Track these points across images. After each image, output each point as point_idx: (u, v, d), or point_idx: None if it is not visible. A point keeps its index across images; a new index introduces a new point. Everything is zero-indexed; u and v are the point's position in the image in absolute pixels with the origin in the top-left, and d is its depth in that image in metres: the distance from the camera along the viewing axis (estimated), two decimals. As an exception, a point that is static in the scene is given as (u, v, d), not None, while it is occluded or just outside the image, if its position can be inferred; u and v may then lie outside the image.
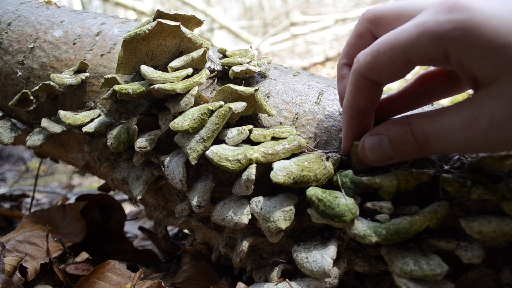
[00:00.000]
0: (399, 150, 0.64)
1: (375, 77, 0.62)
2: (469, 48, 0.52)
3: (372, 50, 0.60)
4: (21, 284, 0.89)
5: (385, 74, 0.61)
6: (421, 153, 0.62)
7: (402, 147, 0.63)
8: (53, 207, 1.21)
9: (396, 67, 0.59)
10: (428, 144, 0.60)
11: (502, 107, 0.53)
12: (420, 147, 0.61)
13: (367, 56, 0.61)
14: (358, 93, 0.65)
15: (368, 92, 0.64)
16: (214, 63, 0.95)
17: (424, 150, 0.61)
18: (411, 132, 0.61)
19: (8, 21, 1.12)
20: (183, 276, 1.02)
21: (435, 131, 0.59)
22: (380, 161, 0.67)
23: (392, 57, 0.58)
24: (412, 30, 0.55)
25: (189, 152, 0.77)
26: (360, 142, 0.70)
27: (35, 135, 0.99)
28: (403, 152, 0.64)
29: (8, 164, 5.06)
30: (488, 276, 0.74)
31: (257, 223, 0.77)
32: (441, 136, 0.58)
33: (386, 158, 0.66)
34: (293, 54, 8.31)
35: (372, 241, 0.65)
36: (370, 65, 0.60)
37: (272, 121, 0.86)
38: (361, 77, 0.63)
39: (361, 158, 0.70)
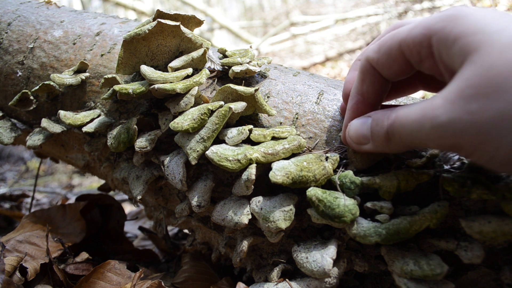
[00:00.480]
0: (374, 134, 0.65)
1: (376, 66, 0.65)
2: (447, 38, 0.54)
3: (379, 39, 0.66)
4: (21, 284, 0.89)
5: (383, 65, 0.64)
6: (387, 143, 0.63)
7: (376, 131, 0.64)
8: (53, 207, 1.21)
9: (391, 58, 0.62)
10: (391, 134, 0.61)
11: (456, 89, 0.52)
12: (385, 136, 0.62)
13: (374, 44, 0.66)
14: (364, 79, 0.68)
15: (373, 81, 0.67)
16: (214, 63, 0.95)
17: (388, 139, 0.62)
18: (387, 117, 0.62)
19: (8, 21, 1.12)
20: (183, 276, 1.02)
21: (402, 114, 0.59)
22: (359, 143, 0.68)
23: (390, 48, 0.62)
24: (412, 25, 0.60)
25: (189, 152, 0.77)
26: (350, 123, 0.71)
27: (35, 135, 0.99)
28: (376, 138, 0.64)
29: (8, 164, 5.06)
30: (488, 276, 0.74)
31: (257, 223, 0.77)
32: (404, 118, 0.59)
33: (364, 140, 0.67)
34: (293, 54, 8.31)
35: (372, 241, 0.65)
36: (374, 52, 0.65)
37: (272, 121, 0.86)
38: (367, 63, 0.66)
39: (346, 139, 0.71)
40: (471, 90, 0.50)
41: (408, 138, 0.58)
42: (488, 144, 0.50)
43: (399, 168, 0.74)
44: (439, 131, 0.53)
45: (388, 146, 0.63)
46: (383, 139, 0.63)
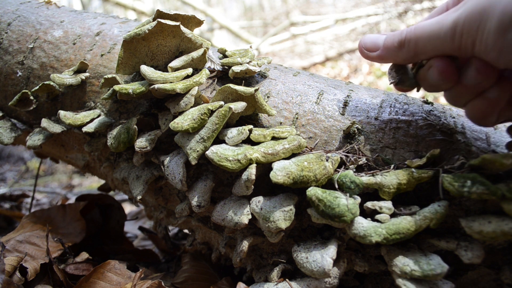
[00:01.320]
0: (387, 42, 0.74)
1: None
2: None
3: None
4: (21, 284, 0.89)
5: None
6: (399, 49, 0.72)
7: (390, 39, 0.73)
8: (53, 207, 1.21)
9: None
10: (408, 40, 0.70)
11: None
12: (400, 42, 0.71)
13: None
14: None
15: None
16: (214, 63, 0.95)
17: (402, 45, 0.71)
18: (404, 30, 0.72)
19: (8, 21, 1.12)
20: (183, 276, 1.02)
21: (419, 26, 0.69)
22: (369, 50, 0.77)
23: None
24: None
25: (189, 152, 0.77)
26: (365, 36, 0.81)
27: (35, 135, 0.99)
28: (389, 45, 0.73)
29: (8, 164, 5.06)
30: (488, 276, 0.74)
31: (257, 223, 0.77)
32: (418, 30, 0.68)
33: (374, 47, 0.76)
34: (293, 54, 8.31)
35: (372, 241, 0.65)
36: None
37: (272, 121, 0.86)
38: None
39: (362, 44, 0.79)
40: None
41: (424, 42, 0.68)
42: (479, 32, 0.60)
43: (399, 168, 0.74)
44: (454, 24, 0.63)
45: (398, 52, 0.72)
46: (397, 46, 0.72)
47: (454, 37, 0.64)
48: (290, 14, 9.62)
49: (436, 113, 0.83)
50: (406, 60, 0.75)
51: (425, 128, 0.80)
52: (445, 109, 0.86)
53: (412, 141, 0.78)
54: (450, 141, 0.77)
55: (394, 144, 0.78)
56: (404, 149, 0.78)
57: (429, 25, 0.68)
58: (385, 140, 0.79)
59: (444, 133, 0.78)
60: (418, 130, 0.80)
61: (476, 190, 0.63)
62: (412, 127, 0.80)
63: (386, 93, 0.90)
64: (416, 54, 0.71)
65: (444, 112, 0.84)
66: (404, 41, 0.71)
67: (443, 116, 0.83)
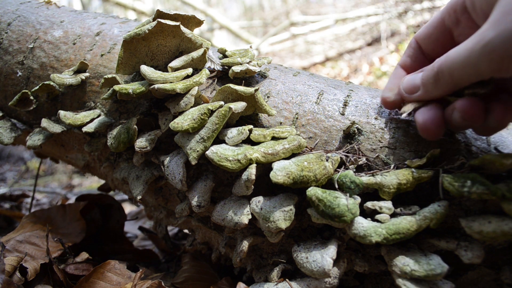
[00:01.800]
0: (424, 80, 0.71)
1: (419, 39, 0.79)
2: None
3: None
4: (21, 284, 0.89)
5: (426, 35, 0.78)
6: (436, 83, 0.68)
7: (426, 76, 0.70)
8: (53, 207, 1.21)
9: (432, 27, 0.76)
10: (441, 72, 0.66)
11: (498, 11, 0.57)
12: (435, 77, 0.67)
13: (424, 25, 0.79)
14: (406, 51, 0.82)
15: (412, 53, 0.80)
16: (214, 63, 0.95)
17: (438, 79, 0.67)
18: (436, 62, 0.68)
19: (8, 21, 1.12)
20: (183, 276, 1.02)
21: (452, 52, 0.64)
22: (410, 92, 0.74)
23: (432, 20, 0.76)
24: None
25: (189, 152, 0.77)
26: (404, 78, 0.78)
27: (35, 135, 0.99)
28: (426, 82, 0.70)
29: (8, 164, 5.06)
30: (488, 276, 0.74)
31: (257, 223, 0.77)
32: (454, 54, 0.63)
33: (414, 89, 0.73)
34: (293, 54, 8.31)
35: (372, 241, 0.65)
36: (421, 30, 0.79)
37: (272, 121, 0.86)
38: (414, 40, 0.81)
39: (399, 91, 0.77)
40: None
41: (459, 71, 0.62)
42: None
43: (399, 168, 0.74)
44: (489, 48, 0.56)
45: (436, 87, 0.68)
46: (432, 81, 0.68)
47: (491, 60, 0.57)
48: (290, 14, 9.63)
49: (436, 113, 0.83)
50: (447, 93, 0.69)
51: (425, 128, 0.80)
52: (445, 109, 0.86)
53: (412, 141, 0.78)
54: (450, 141, 0.77)
55: (394, 144, 0.78)
56: (404, 149, 0.78)
57: (460, 51, 0.62)
58: (385, 140, 0.79)
59: (444, 133, 0.78)
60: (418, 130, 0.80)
61: (476, 190, 0.63)
62: (412, 127, 0.80)
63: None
64: (455, 84, 0.66)
65: (444, 112, 0.84)
66: (438, 74, 0.67)
67: (443, 116, 0.83)
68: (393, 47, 6.60)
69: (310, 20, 8.47)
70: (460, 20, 0.71)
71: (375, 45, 7.23)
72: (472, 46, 0.59)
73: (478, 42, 0.58)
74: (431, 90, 0.70)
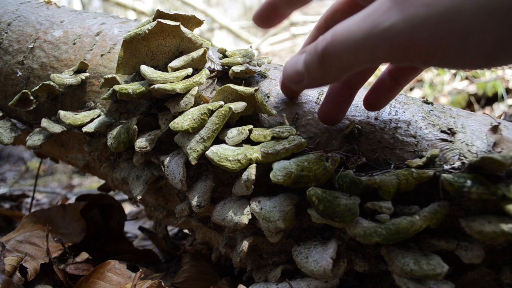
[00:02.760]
0: (307, 65, 0.56)
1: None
2: None
3: None
4: (21, 284, 0.89)
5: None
6: (323, 69, 0.53)
7: (309, 60, 0.55)
8: (53, 207, 1.21)
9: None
10: (330, 47, 0.51)
11: None
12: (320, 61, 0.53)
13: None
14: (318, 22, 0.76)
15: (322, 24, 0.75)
16: (214, 63, 0.95)
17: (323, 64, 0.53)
18: (320, 40, 0.53)
19: (8, 21, 1.12)
20: (183, 276, 1.02)
21: (340, 27, 0.51)
22: (294, 81, 0.60)
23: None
24: None
25: (189, 152, 0.77)
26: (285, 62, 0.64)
27: (35, 135, 0.99)
28: (311, 68, 0.55)
29: (8, 164, 5.06)
30: (488, 276, 0.74)
31: (257, 223, 0.77)
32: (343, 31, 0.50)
33: (299, 77, 0.58)
34: (293, 54, 8.30)
35: (372, 241, 0.65)
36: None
37: (272, 121, 0.86)
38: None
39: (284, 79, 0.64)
40: None
41: (351, 56, 0.50)
42: (452, 36, 0.44)
43: (399, 168, 0.74)
44: (391, 34, 0.46)
45: (324, 74, 0.54)
46: (318, 67, 0.53)
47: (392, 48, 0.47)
48: (290, 14, 9.60)
49: (436, 113, 0.83)
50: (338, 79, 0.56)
51: (425, 128, 0.80)
52: (445, 109, 0.86)
53: (412, 141, 0.78)
54: (450, 141, 0.77)
55: (394, 144, 0.78)
56: (404, 149, 0.78)
57: (352, 31, 0.49)
58: (385, 140, 0.79)
59: (444, 133, 0.78)
60: (418, 130, 0.80)
61: (476, 190, 0.63)
62: (412, 127, 0.80)
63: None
64: (344, 70, 0.53)
65: (444, 112, 0.84)
66: (323, 58, 0.52)
67: (443, 116, 0.83)
68: (393, 47, 6.58)
69: (310, 20, 8.46)
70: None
71: (375, 45, 7.20)
72: (369, 27, 0.47)
73: (377, 25, 0.47)
74: (318, 77, 0.56)
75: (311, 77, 0.57)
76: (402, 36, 0.46)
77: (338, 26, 0.51)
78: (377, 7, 0.48)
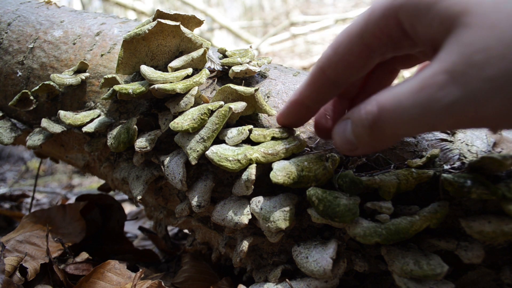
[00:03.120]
0: (358, 138, 0.56)
1: (332, 72, 0.59)
2: (417, 8, 0.48)
3: (332, 43, 0.58)
4: (21, 284, 0.89)
5: (342, 67, 0.58)
6: (374, 138, 0.53)
7: (359, 130, 0.55)
8: (53, 207, 1.21)
9: (354, 56, 0.56)
10: (380, 121, 0.51)
11: (458, 55, 0.44)
12: (370, 133, 0.53)
13: (328, 49, 0.59)
14: (310, 85, 0.64)
15: (320, 88, 0.63)
16: (214, 63, 0.95)
17: (376, 131, 0.52)
18: (366, 113, 0.52)
19: (8, 21, 1.12)
20: (183, 276, 1.02)
21: (388, 100, 0.50)
22: (347, 150, 0.60)
23: (349, 45, 0.55)
24: (365, 11, 0.54)
25: (189, 152, 0.77)
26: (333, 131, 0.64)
27: (35, 135, 0.99)
28: (362, 141, 0.56)
29: (8, 164, 5.06)
30: (488, 276, 0.74)
31: (257, 223, 0.77)
32: (393, 105, 0.49)
33: (351, 146, 0.59)
34: (293, 54, 8.31)
35: (372, 241, 0.65)
36: (329, 59, 0.59)
37: (272, 121, 0.86)
38: (319, 71, 0.61)
39: (335, 146, 0.65)
40: (480, 55, 0.43)
41: (407, 126, 0.49)
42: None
43: (399, 168, 0.74)
44: (454, 110, 0.45)
45: (378, 143, 0.55)
46: (370, 138, 0.54)
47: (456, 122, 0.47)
48: (290, 14, 9.62)
49: (436, 113, 0.83)
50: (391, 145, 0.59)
51: (425, 128, 0.80)
52: (445, 109, 0.86)
53: (412, 141, 0.78)
54: (450, 141, 0.77)
55: (394, 145, 0.78)
56: (404, 149, 0.78)
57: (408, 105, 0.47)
58: (385, 140, 0.79)
59: (444, 133, 0.78)
60: (418, 130, 0.79)
61: (476, 190, 0.63)
62: (412, 127, 0.80)
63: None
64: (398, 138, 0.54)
65: (444, 112, 0.84)
66: (374, 130, 0.52)
67: (443, 116, 0.83)
68: (393, 47, 6.59)
69: (310, 20, 8.47)
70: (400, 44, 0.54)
71: (375, 45, 7.21)
72: (426, 103, 0.46)
73: (436, 101, 0.45)
74: (372, 145, 0.56)
75: (364, 146, 0.57)
76: (467, 112, 0.45)
77: (382, 97, 0.50)
78: (429, 80, 0.46)
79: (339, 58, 0.57)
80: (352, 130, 0.57)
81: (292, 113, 0.72)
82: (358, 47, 0.55)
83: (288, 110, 0.72)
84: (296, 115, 0.72)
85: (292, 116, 0.73)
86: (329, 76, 0.60)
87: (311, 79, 0.64)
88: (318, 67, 0.61)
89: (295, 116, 0.73)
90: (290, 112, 0.72)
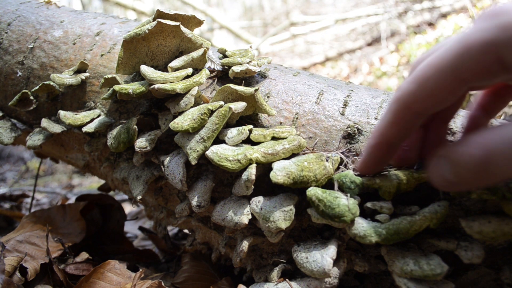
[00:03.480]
0: (458, 175, 0.56)
1: (420, 106, 0.58)
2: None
3: (416, 77, 0.57)
4: (21, 284, 0.89)
5: (431, 101, 0.57)
6: (480, 178, 0.54)
7: (460, 171, 0.55)
8: (53, 207, 1.21)
9: (445, 91, 0.55)
10: (489, 163, 0.51)
11: None
12: (476, 170, 0.53)
13: (410, 84, 0.58)
14: (394, 123, 0.62)
15: (406, 124, 0.62)
16: (214, 63, 0.95)
17: (483, 173, 0.53)
18: (469, 154, 0.53)
19: (8, 21, 1.12)
20: (183, 276, 1.02)
21: (496, 143, 0.51)
22: (446, 187, 0.60)
23: (441, 80, 0.54)
24: (458, 46, 0.53)
25: (189, 152, 0.77)
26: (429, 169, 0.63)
27: (35, 135, 0.99)
28: (463, 178, 0.55)
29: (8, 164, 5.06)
30: (488, 276, 0.74)
31: (257, 223, 0.77)
32: (504, 147, 0.50)
33: (449, 184, 0.58)
34: (293, 54, 8.32)
35: (372, 241, 0.65)
36: (414, 94, 0.58)
37: (272, 121, 0.86)
38: (403, 107, 0.60)
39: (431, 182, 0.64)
40: None
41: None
42: None
43: (399, 168, 0.74)
44: None
45: (484, 182, 0.56)
46: (475, 180, 0.54)
47: None
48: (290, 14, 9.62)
49: (436, 113, 0.83)
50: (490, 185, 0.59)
51: (425, 128, 0.80)
52: (445, 109, 0.86)
53: (412, 141, 0.78)
54: (451, 141, 0.77)
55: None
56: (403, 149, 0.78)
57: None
58: (385, 140, 0.79)
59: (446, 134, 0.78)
60: (418, 130, 0.80)
61: (476, 190, 0.63)
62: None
63: (386, 93, 0.90)
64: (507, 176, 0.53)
65: (444, 112, 0.84)
66: (478, 171, 0.52)
67: (443, 116, 0.83)
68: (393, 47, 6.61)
69: (310, 20, 8.47)
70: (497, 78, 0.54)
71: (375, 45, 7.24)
72: None
73: None
74: (476, 183, 0.56)
75: (467, 185, 0.57)
76: None
77: (486, 139, 0.52)
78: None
79: (428, 93, 0.56)
80: (451, 170, 0.56)
81: (378, 157, 0.68)
82: (451, 82, 0.54)
83: (372, 155, 0.68)
84: (383, 157, 0.68)
85: (378, 160, 0.69)
86: (416, 111, 0.59)
87: (395, 117, 0.61)
88: (402, 104, 0.59)
89: (382, 159, 0.68)
90: (376, 157, 0.68)
